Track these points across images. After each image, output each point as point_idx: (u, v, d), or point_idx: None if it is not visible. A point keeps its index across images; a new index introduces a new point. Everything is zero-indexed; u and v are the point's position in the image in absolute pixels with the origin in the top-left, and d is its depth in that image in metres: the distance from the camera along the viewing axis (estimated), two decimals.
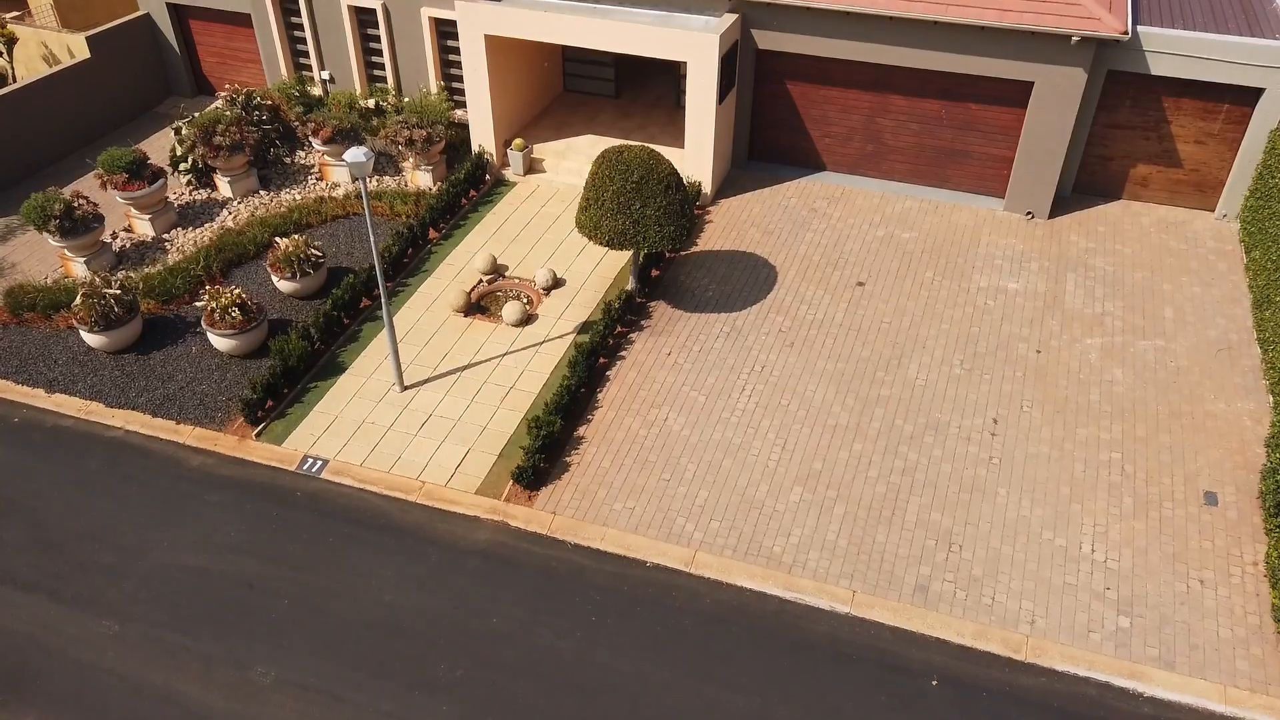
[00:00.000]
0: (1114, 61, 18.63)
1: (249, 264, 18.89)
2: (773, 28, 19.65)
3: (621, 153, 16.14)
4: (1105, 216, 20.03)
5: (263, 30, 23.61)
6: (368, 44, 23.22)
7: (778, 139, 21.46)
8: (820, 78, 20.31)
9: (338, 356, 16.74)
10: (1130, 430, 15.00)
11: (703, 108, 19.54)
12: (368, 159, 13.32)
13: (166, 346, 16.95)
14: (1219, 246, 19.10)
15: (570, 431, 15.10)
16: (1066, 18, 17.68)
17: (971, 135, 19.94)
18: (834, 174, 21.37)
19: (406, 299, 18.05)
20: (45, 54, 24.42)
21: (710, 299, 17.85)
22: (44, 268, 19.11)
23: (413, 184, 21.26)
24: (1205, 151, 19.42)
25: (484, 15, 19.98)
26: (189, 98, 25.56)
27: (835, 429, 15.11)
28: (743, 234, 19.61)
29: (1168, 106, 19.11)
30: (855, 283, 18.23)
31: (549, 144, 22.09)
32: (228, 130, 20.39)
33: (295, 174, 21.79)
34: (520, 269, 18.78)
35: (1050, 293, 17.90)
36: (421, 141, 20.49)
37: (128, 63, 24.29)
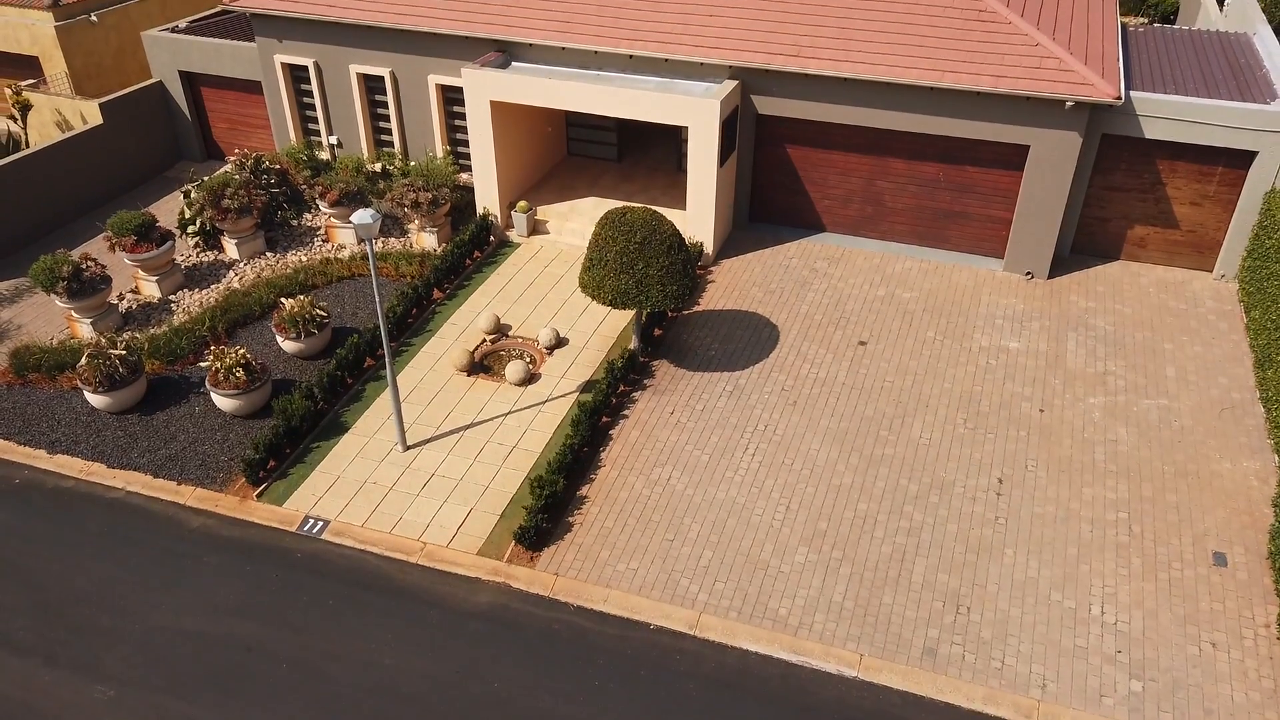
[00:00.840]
0: (1108, 125, 18.96)
1: (254, 324, 19.00)
2: (772, 93, 20.05)
3: (624, 214, 16.34)
4: (1104, 276, 20.19)
5: (273, 97, 24.10)
6: (375, 109, 23.68)
7: (778, 200, 21.74)
8: (820, 141, 20.66)
9: (341, 416, 16.74)
10: (1136, 490, 14.92)
11: (704, 171, 19.84)
12: (374, 220, 13.49)
13: (170, 407, 16.96)
14: (1218, 306, 19.20)
15: (573, 491, 15.03)
16: (1060, 83, 18.05)
17: (970, 197, 20.21)
18: (834, 235, 21.60)
19: (410, 358, 18.12)
20: (59, 120, 24.90)
21: (713, 358, 17.91)
22: (50, 329, 19.23)
23: (418, 245, 21.49)
24: (1201, 213, 19.65)
25: (489, 82, 20.41)
26: (199, 162, 25.98)
27: (840, 488, 15.03)
28: (745, 293, 19.75)
29: (1163, 169, 19.39)
30: (857, 342, 18.30)
31: (552, 206, 22.38)
32: (236, 194, 20.69)
33: (302, 236, 22.05)
34: (524, 328, 18.88)
35: (1052, 352, 17.95)
36: (427, 204, 20.77)
37: (140, 128, 24.76)
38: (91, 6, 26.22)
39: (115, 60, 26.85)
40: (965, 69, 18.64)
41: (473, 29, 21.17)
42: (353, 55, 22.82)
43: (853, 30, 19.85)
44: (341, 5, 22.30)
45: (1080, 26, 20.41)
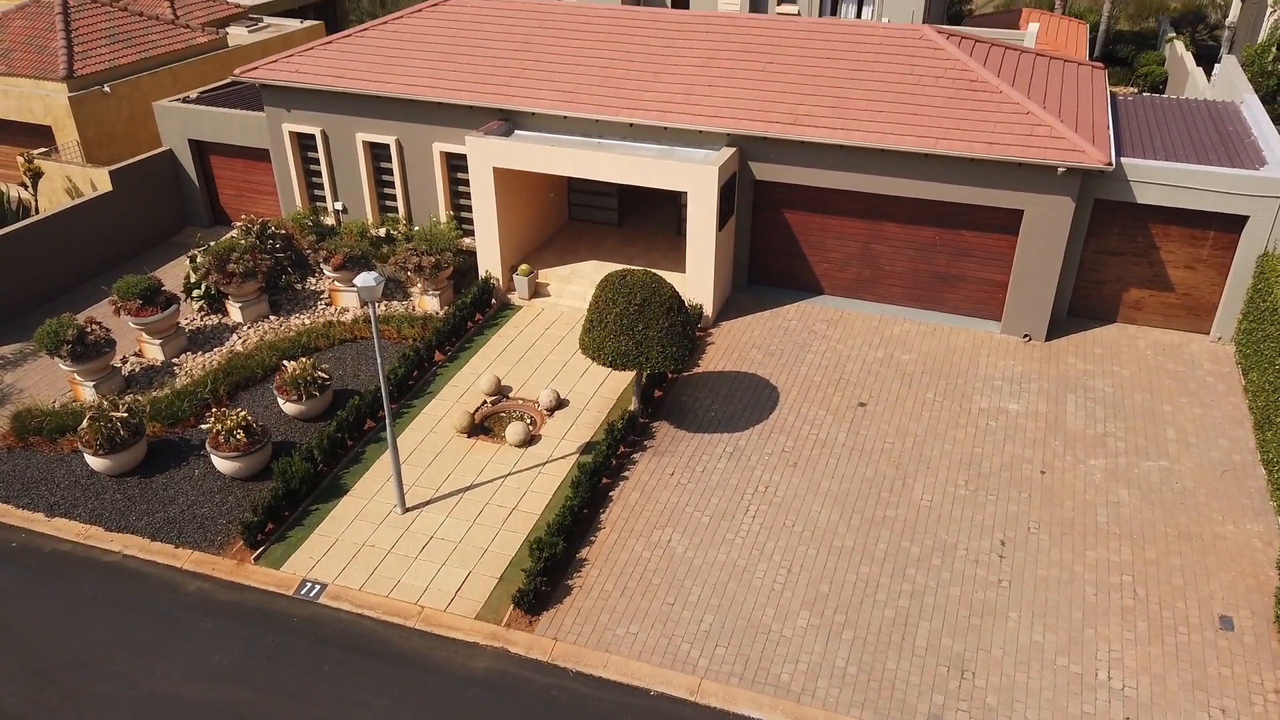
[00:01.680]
0: (1101, 191, 19.28)
1: (256, 387, 19.07)
2: (769, 160, 20.44)
3: (625, 276, 16.53)
4: (1102, 339, 20.31)
5: (280, 165, 24.56)
6: (380, 176, 24.11)
7: (777, 264, 21.99)
8: (817, 206, 20.98)
9: (340, 478, 16.71)
10: (1140, 552, 14.81)
11: (703, 235, 20.12)
12: (377, 283, 13.66)
13: (169, 469, 16.94)
14: (1216, 369, 19.29)
15: (572, 553, 14.93)
16: (1052, 150, 18.40)
17: (966, 260, 20.45)
18: (833, 297, 21.80)
19: (411, 420, 18.15)
20: (69, 187, 25.33)
21: (713, 419, 17.93)
22: (53, 392, 19.30)
23: (420, 308, 21.69)
24: (1196, 276, 19.86)
25: (493, 149, 20.82)
26: (206, 227, 26.36)
27: (841, 551, 14.93)
28: (744, 355, 19.86)
29: (1156, 233, 19.66)
30: (857, 403, 18.35)
31: (554, 269, 22.64)
32: (242, 258, 20.96)
33: (305, 299, 22.27)
34: (524, 390, 18.95)
35: (1051, 414, 17.98)
36: (430, 267, 21.02)
37: (148, 195, 25.18)
38: (105, 78, 26.87)
39: (127, 129, 27.41)
40: (958, 136, 19.03)
41: (478, 99, 21.68)
42: (359, 124, 23.32)
43: (848, 99, 20.32)
44: (350, 77, 22.87)
45: (1070, 96, 20.90)
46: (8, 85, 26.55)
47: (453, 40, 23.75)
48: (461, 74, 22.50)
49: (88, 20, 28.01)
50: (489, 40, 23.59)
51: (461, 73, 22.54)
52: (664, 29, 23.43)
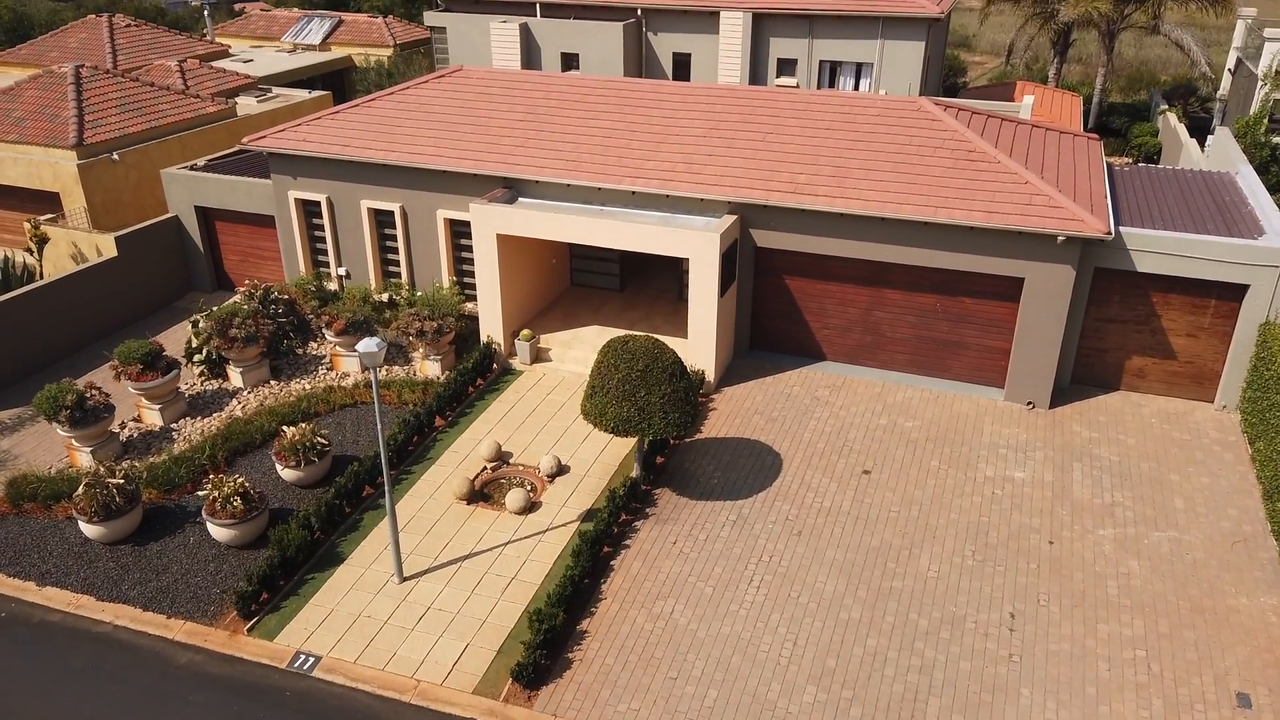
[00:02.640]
0: (1100, 259, 19.37)
1: (255, 453, 18.91)
2: (770, 227, 20.60)
3: (626, 342, 16.51)
4: (1106, 407, 20.21)
5: (285, 230, 24.76)
6: (384, 242, 24.28)
7: (778, 329, 22.01)
8: (817, 273, 21.08)
9: (337, 546, 16.45)
10: (1153, 626, 14.49)
11: (705, 300, 20.17)
12: (379, 349, 13.63)
13: (164, 537, 16.69)
14: (1222, 437, 19.15)
15: (573, 625, 14.60)
16: (1051, 219, 18.55)
17: (968, 327, 20.46)
18: (834, 363, 21.76)
19: (410, 486, 17.95)
20: (74, 253, 25.50)
21: (716, 486, 17.74)
22: (49, 458, 19.13)
23: (421, 373, 21.64)
24: (1198, 344, 19.84)
25: (496, 216, 21.00)
26: (209, 293, 26.46)
27: (848, 623, 14.61)
28: (746, 421, 19.73)
29: (1156, 301, 19.70)
30: (861, 471, 18.17)
31: (556, 334, 22.65)
32: (244, 323, 20.98)
33: (306, 364, 22.23)
34: (525, 456, 18.78)
35: (1058, 483, 17.79)
36: (432, 332, 21.02)
37: (153, 261, 25.34)
38: (115, 145, 27.25)
39: (134, 196, 27.71)
40: (957, 205, 19.20)
41: (482, 167, 21.96)
42: (364, 191, 23.58)
43: (848, 168, 20.56)
44: (356, 145, 23.19)
45: (1067, 166, 21.16)
46: (18, 153, 26.91)
47: (458, 110, 24.14)
48: (466, 143, 22.81)
49: (99, 90, 28.52)
50: (493, 110, 23.98)
51: (466, 141, 22.86)
52: (666, 100, 23.83)
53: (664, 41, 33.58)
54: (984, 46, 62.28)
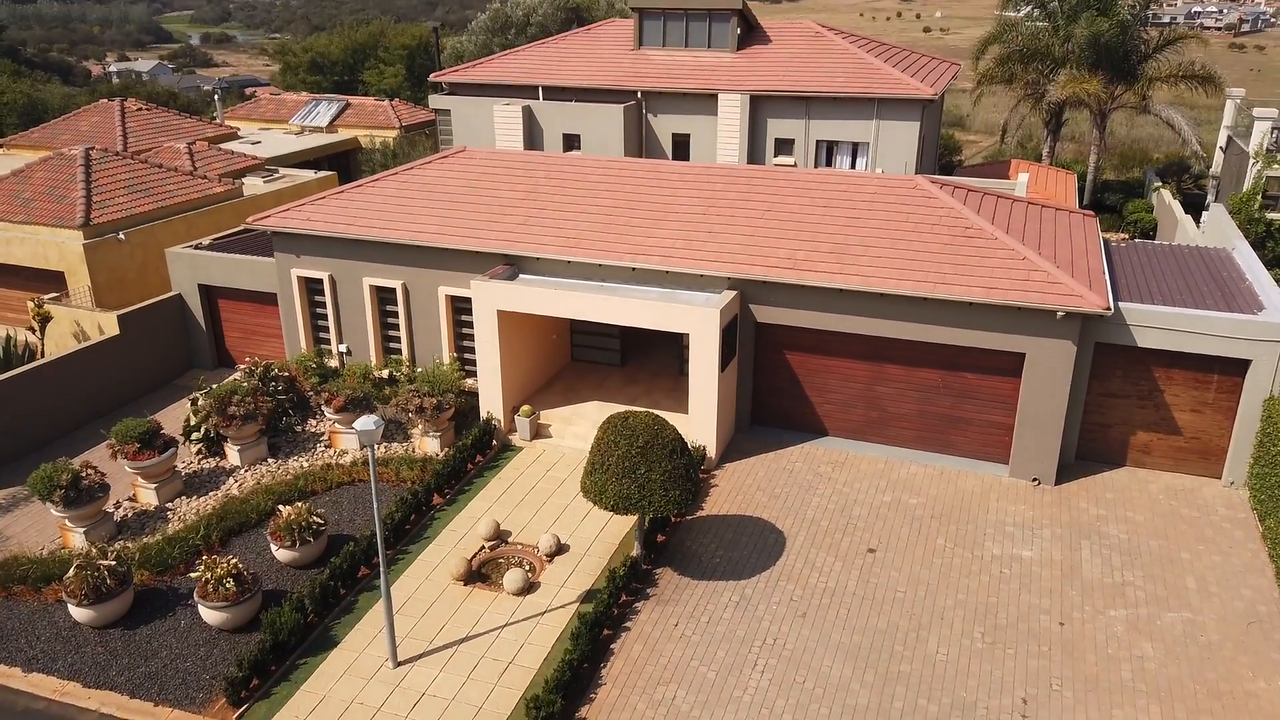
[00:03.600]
0: (1101, 334, 19.36)
1: (250, 532, 18.64)
2: (770, 303, 20.66)
3: (627, 418, 16.40)
4: (1112, 483, 19.97)
5: (287, 308, 24.88)
6: (386, 319, 24.37)
7: (780, 405, 21.90)
8: (818, 348, 21.06)
9: (331, 629, 16.07)
10: (1169, 712, 14.04)
11: (705, 376, 20.11)
12: (377, 427, 13.52)
13: (155, 620, 16.33)
14: (1231, 514, 18.86)
15: (571, 711, 14.16)
16: (1050, 295, 18.60)
17: (970, 403, 20.34)
18: (837, 439, 21.59)
19: (406, 567, 17.63)
20: (77, 331, 25.58)
21: (718, 566, 17.41)
22: (42, 538, 18.86)
23: (420, 450, 21.47)
24: (1203, 420, 19.70)
25: (498, 292, 21.10)
26: (209, 370, 26.45)
27: (855, 710, 14.16)
28: (749, 498, 19.48)
29: (1159, 376, 19.62)
30: (866, 549, 17.85)
31: (556, 410, 22.55)
32: (243, 401, 20.91)
33: (305, 442, 22.08)
34: (524, 534, 18.50)
35: (1066, 561, 17.45)
36: (431, 409, 20.93)
37: (154, 338, 25.41)
38: (121, 225, 27.58)
39: (138, 274, 27.93)
40: (956, 281, 19.28)
41: (484, 244, 22.16)
42: (367, 269, 23.75)
43: (846, 244, 20.73)
44: (359, 224, 23.45)
45: (1064, 242, 21.32)
46: (25, 233, 27.23)
47: (460, 189, 24.48)
48: (468, 221, 23.07)
49: (108, 172, 29.00)
50: (496, 189, 24.31)
51: (468, 219, 23.12)
52: (665, 179, 24.17)
53: (663, 123, 34.25)
54: (978, 126, 63.54)
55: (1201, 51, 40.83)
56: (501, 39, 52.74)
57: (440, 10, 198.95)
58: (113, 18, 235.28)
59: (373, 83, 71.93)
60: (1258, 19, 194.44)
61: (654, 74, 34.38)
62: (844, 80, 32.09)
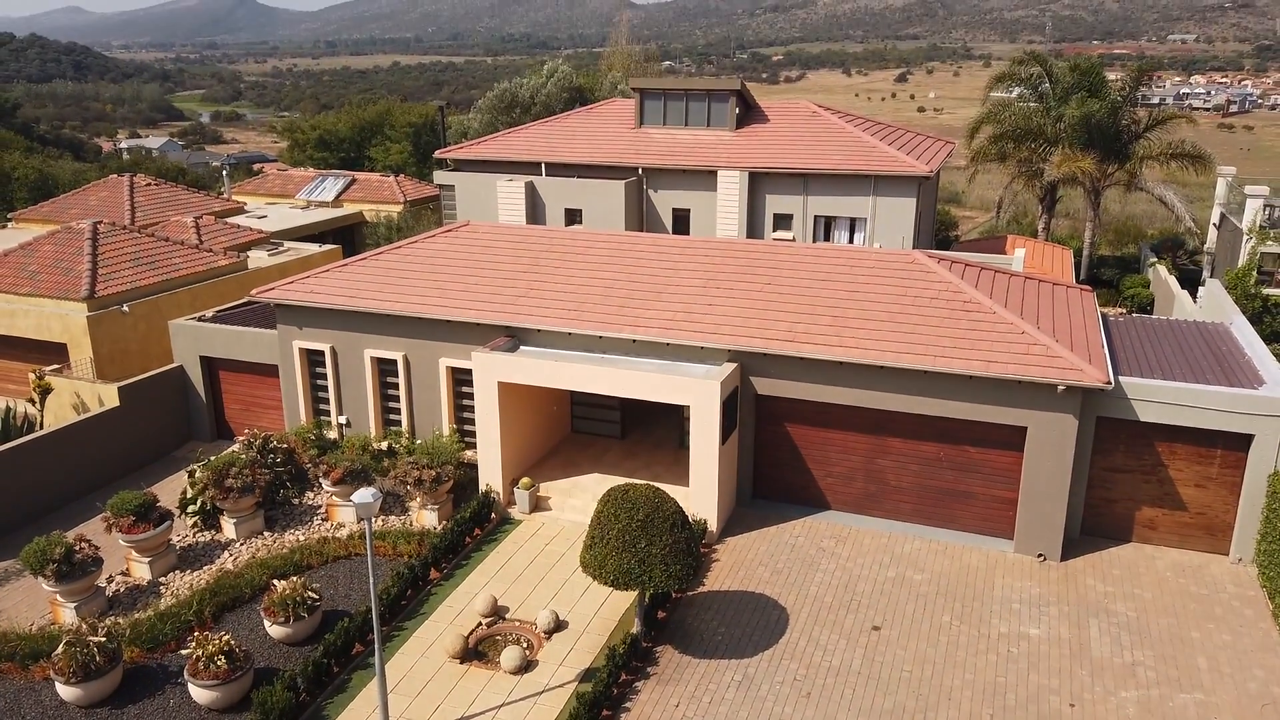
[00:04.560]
0: (1102, 408, 19.33)
1: (243, 608, 18.32)
2: (770, 375, 20.69)
3: (627, 491, 16.27)
4: (1119, 559, 19.71)
5: (288, 379, 24.91)
6: (386, 390, 24.38)
7: (781, 478, 21.75)
8: (819, 420, 21.01)
9: (323, 709, 15.68)
10: None
11: (706, 448, 20.02)
12: (375, 500, 13.40)
13: (143, 699, 15.93)
14: (1241, 592, 18.57)
15: None
16: (1050, 369, 18.63)
17: (973, 476, 20.21)
18: (839, 512, 21.38)
19: (401, 643, 17.28)
20: (77, 403, 25.57)
21: (719, 643, 17.07)
22: (32, 614, 18.53)
23: (418, 523, 21.25)
24: (1208, 495, 19.53)
25: (498, 364, 21.15)
26: (208, 442, 26.36)
27: None
28: (750, 573, 19.20)
29: (1162, 451, 19.53)
30: (871, 627, 17.53)
31: (555, 482, 22.39)
32: (241, 473, 20.78)
33: (302, 514, 21.87)
34: (522, 610, 18.18)
35: (1075, 640, 17.12)
36: (430, 481, 20.78)
37: (154, 410, 25.38)
38: (126, 298, 27.79)
39: (141, 346, 28.04)
40: (956, 354, 19.33)
41: (485, 316, 22.30)
42: (368, 341, 23.86)
43: (845, 317, 20.84)
44: (362, 296, 23.63)
45: (1062, 316, 21.44)
46: (29, 305, 27.42)
47: (463, 262, 24.74)
48: (470, 293, 23.25)
49: (115, 245, 29.36)
50: (498, 262, 24.56)
51: (470, 292, 23.30)
52: (665, 252, 24.44)
53: (664, 198, 34.80)
54: (973, 202, 64.53)
55: (1191, 131, 41.72)
56: (506, 118, 53.91)
57: (446, 90, 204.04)
58: (125, 96, 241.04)
59: (379, 159, 73.32)
60: (1244, 100, 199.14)
61: (655, 151, 35.08)
62: (841, 158, 32.72)
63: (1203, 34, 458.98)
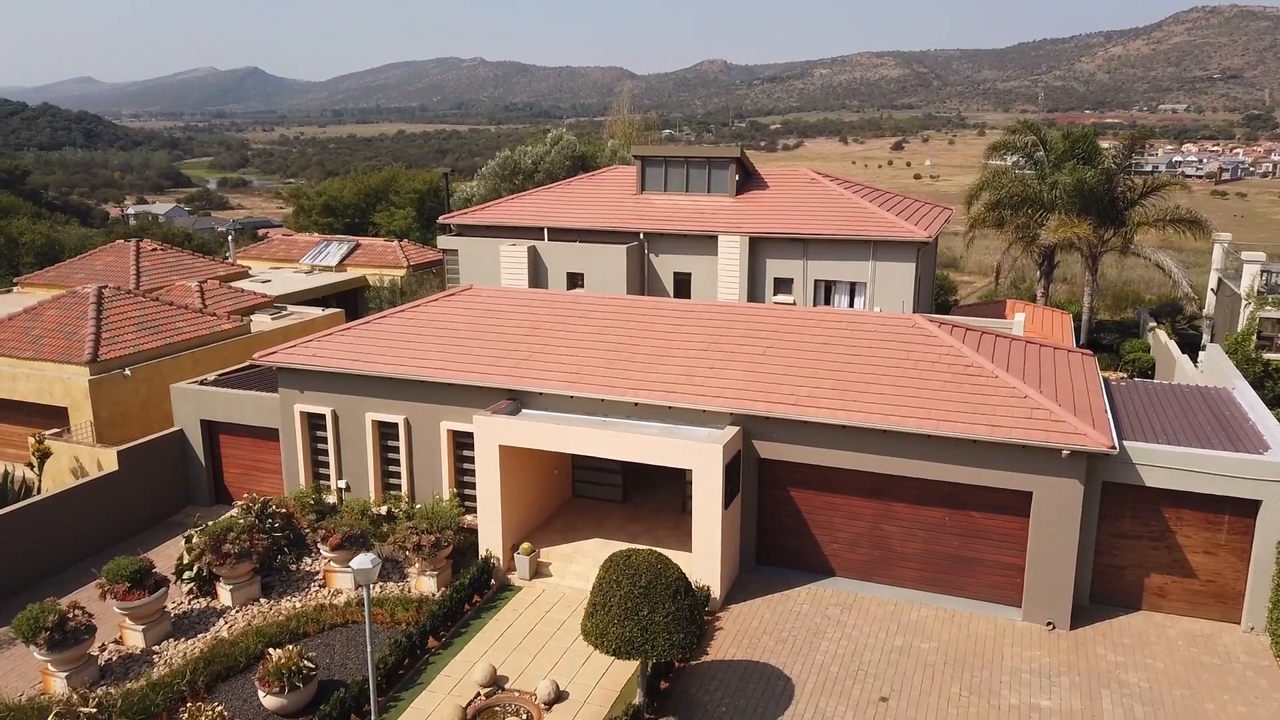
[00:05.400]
0: (1108, 473, 19.19)
1: (238, 677, 17.96)
2: (773, 439, 20.59)
3: (629, 557, 16.06)
4: (1129, 628, 19.37)
5: (288, 443, 24.81)
6: (386, 454, 24.25)
7: (785, 544, 21.49)
8: (823, 485, 20.85)
9: None
10: None
11: (709, 513, 19.84)
12: (374, 565, 13.23)
13: None
14: (1254, 662, 18.21)
15: None
16: (1054, 433, 18.55)
17: (979, 542, 19.98)
18: (845, 579, 21.08)
19: (398, 715, 16.88)
20: (75, 467, 25.43)
21: (724, 715, 16.67)
22: (22, 683, 18.16)
23: (416, 589, 20.94)
24: (1217, 562, 19.28)
25: (499, 427, 21.07)
26: (206, 506, 26.14)
27: None
28: (755, 642, 18.85)
29: (1169, 516, 19.33)
30: (879, 698, 17.14)
31: (556, 548, 22.13)
32: (238, 538, 20.56)
33: (299, 581, 21.57)
34: (521, 680, 17.80)
35: (1087, 711, 16.73)
36: (429, 546, 20.54)
37: (153, 475, 25.23)
38: (128, 362, 27.83)
39: (142, 410, 28.00)
40: (959, 418, 19.27)
41: (487, 379, 22.30)
42: (370, 404, 23.82)
43: (847, 381, 20.83)
44: (364, 360, 23.67)
45: (1064, 380, 21.43)
46: (31, 369, 27.46)
47: (465, 325, 24.83)
48: (472, 356, 23.28)
49: (119, 309, 29.52)
50: (500, 325, 24.66)
51: (472, 355, 23.34)
52: (667, 316, 24.55)
53: (665, 262, 35.10)
54: (971, 267, 65.12)
55: (1185, 198, 42.29)
56: (510, 184, 54.68)
57: (450, 157, 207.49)
58: (134, 163, 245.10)
59: (383, 224, 74.20)
60: (1237, 167, 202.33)
61: (656, 216, 35.48)
62: (840, 223, 33.09)
63: (1193, 104, 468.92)
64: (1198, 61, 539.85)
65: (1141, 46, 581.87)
